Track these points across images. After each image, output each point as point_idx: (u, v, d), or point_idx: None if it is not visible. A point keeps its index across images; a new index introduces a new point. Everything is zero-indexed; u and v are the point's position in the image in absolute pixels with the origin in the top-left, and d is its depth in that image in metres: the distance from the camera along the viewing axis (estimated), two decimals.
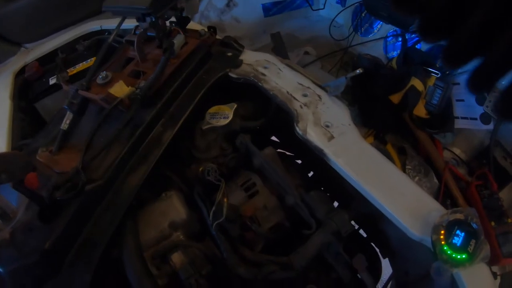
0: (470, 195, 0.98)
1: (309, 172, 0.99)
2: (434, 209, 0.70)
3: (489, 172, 1.00)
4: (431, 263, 0.67)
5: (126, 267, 0.72)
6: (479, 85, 0.34)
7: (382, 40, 1.45)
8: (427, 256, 0.71)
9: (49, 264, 0.67)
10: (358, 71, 0.81)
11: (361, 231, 1.00)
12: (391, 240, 0.87)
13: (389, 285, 1.09)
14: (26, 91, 1.21)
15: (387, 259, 0.96)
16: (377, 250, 0.97)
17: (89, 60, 1.21)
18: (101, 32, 1.31)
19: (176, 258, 0.73)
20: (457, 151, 1.12)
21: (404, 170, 1.04)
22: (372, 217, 0.84)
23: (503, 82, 0.33)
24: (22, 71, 1.26)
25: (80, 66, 1.19)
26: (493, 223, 0.93)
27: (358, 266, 0.82)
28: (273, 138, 1.18)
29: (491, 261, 0.91)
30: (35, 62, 1.23)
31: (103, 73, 0.91)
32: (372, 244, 0.97)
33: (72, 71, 1.18)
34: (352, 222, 0.96)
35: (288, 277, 0.78)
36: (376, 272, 0.94)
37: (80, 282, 0.67)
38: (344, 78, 0.83)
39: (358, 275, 0.88)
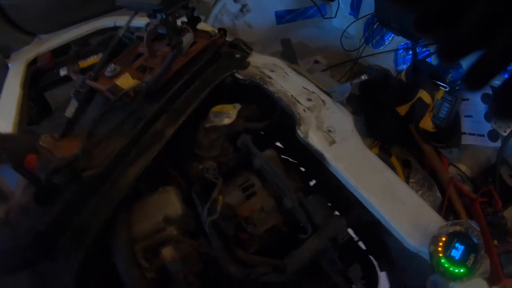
0: (474, 211, 0.96)
1: (312, 181, 0.98)
2: (434, 220, 0.69)
3: (494, 189, 0.98)
4: (430, 276, 0.66)
5: (115, 256, 0.72)
6: (476, 81, 0.33)
7: (392, 53, 1.44)
8: (426, 269, 0.69)
9: (40, 247, 0.67)
10: (363, 77, 0.81)
11: (359, 245, 0.98)
12: (390, 251, 0.85)
13: None
14: (37, 80, 1.23)
15: (385, 274, 0.94)
16: (375, 263, 0.95)
17: (100, 54, 1.22)
18: (115, 28, 1.33)
19: (167, 252, 0.73)
20: (463, 167, 1.10)
21: (407, 183, 1.02)
22: (371, 226, 0.82)
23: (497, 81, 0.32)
24: (34, 61, 1.28)
25: (91, 60, 1.20)
26: (496, 242, 0.91)
27: (353, 276, 0.80)
28: (278, 144, 1.18)
29: (492, 281, 0.88)
30: (48, 53, 1.25)
31: (112, 66, 0.92)
32: (371, 257, 0.96)
33: (84, 64, 1.19)
34: (352, 234, 0.95)
35: (281, 282, 0.76)
36: (372, 284, 0.91)
37: (69, 267, 0.67)
38: (349, 84, 0.83)
39: (352, 286, 0.86)
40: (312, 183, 1.01)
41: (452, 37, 0.32)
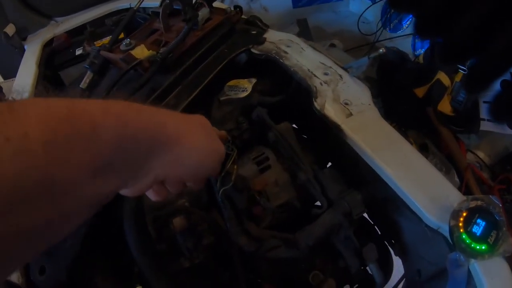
0: None
1: (326, 156, 0.96)
2: (453, 195, 0.66)
3: None
4: (444, 260, 0.63)
5: (124, 227, 0.70)
6: (475, 85, 0.33)
7: (410, 37, 1.41)
8: (441, 251, 0.67)
9: None
10: (381, 50, 0.79)
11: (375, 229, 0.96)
12: (405, 233, 0.82)
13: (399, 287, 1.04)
14: (52, 60, 1.24)
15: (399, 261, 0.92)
16: (391, 249, 0.92)
17: None
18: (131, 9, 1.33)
19: (178, 222, 0.71)
20: (481, 154, 1.07)
21: None
22: (386, 204, 0.80)
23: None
24: (50, 42, 1.29)
25: (106, 39, 1.21)
26: None
27: (367, 256, 0.78)
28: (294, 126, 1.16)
29: None
30: (64, 34, 1.26)
31: (127, 40, 0.92)
32: (386, 242, 0.93)
33: (99, 43, 1.20)
34: (367, 217, 0.92)
35: (293, 258, 0.74)
36: (386, 269, 0.89)
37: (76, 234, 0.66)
38: (366, 58, 0.81)
39: (367, 268, 0.83)
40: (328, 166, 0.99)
41: (448, 43, 0.32)
